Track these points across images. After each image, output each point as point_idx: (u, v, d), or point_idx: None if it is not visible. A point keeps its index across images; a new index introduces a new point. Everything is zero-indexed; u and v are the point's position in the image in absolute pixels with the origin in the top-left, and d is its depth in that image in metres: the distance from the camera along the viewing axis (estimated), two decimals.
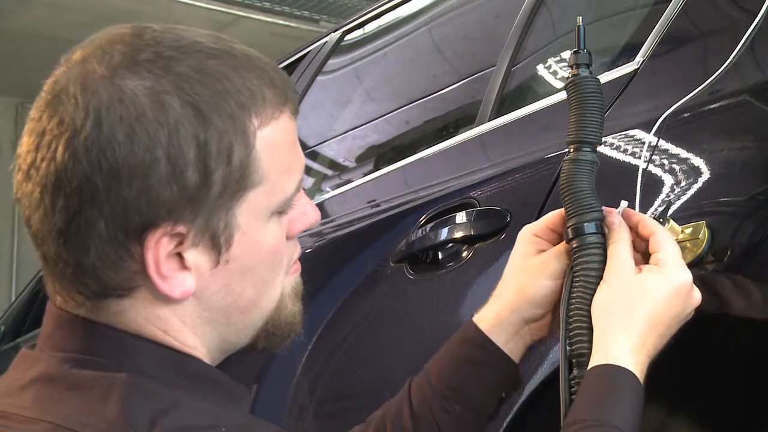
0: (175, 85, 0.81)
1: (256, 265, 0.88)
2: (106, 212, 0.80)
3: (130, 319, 0.85)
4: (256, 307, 0.90)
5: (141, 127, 0.80)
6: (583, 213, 1.02)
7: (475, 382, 1.07)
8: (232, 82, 0.83)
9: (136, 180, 0.80)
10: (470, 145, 1.62)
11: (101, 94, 0.80)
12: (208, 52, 0.84)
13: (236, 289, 0.87)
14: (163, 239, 0.82)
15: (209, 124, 0.81)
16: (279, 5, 6.67)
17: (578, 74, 1.05)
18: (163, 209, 0.81)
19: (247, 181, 0.84)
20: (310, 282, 1.82)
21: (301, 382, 1.67)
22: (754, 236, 1.02)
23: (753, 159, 1.09)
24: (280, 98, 0.86)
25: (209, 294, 0.86)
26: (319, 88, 2.39)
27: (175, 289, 0.84)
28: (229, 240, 0.85)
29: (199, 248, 0.84)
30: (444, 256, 1.48)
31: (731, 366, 1.19)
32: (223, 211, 0.83)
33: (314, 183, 2.31)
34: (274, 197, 0.87)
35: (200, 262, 0.84)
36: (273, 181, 0.86)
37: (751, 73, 1.14)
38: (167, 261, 0.83)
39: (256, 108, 0.84)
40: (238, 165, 0.83)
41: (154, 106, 0.80)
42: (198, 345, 0.88)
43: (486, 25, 2.01)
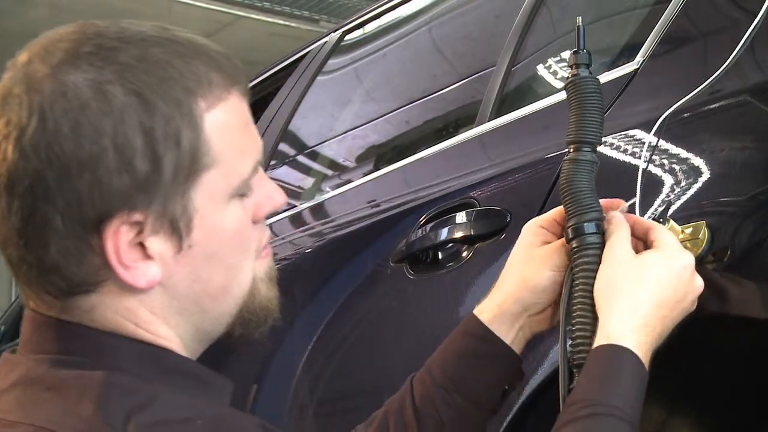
0: (117, 74, 0.81)
1: (221, 249, 0.87)
2: (60, 207, 0.81)
3: (101, 315, 0.85)
4: (228, 293, 0.90)
5: (85, 119, 0.80)
6: (582, 213, 1.02)
7: (477, 374, 1.07)
8: (176, 68, 0.84)
9: (86, 172, 0.80)
10: (470, 145, 1.62)
11: (44, 91, 0.81)
12: (151, 40, 0.85)
13: (204, 275, 0.87)
14: (121, 228, 0.82)
15: (154, 110, 0.82)
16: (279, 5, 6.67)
17: (578, 74, 1.05)
18: (116, 199, 0.81)
19: (198, 164, 0.84)
20: (311, 282, 1.82)
21: (301, 382, 1.67)
22: (754, 236, 1.02)
23: (753, 159, 1.09)
24: (227, 80, 0.87)
25: (176, 282, 0.86)
26: (319, 88, 2.39)
27: (140, 279, 0.84)
28: (189, 225, 0.85)
29: (160, 235, 0.84)
30: (444, 256, 1.48)
31: (731, 366, 1.19)
32: (178, 196, 0.83)
33: (314, 183, 2.31)
34: (231, 179, 0.87)
35: (163, 249, 0.84)
36: (227, 163, 0.86)
37: (751, 73, 1.14)
38: (129, 251, 0.83)
39: (202, 91, 0.84)
40: (188, 149, 0.83)
41: (97, 97, 0.81)
42: (171, 336, 0.88)
43: (486, 25, 2.01)
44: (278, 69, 2.64)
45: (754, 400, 1.20)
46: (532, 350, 1.21)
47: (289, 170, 2.36)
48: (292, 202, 2.24)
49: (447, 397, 1.07)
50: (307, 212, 2.05)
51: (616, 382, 0.91)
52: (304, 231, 2.01)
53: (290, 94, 2.38)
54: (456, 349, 1.09)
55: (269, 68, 2.71)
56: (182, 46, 0.85)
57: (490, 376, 1.07)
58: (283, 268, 1.92)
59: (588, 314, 0.98)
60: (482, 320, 1.07)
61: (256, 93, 2.74)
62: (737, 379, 1.18)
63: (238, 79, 0.88)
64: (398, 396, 1.12)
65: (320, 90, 2.40)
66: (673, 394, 1.25)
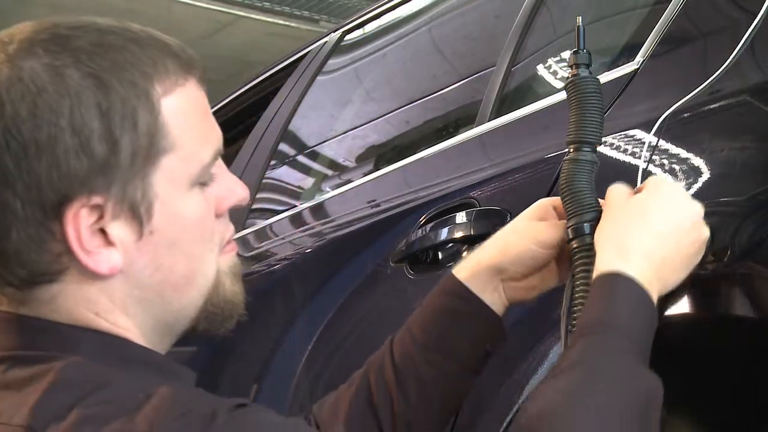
0: (73, 58, 0.83)
1: (183, 237, 0.88)
2: (20, 191, 0.81)
3: (60, 306, 0.86)
4: (191, 284, 0.89)
5: (42, 102, 0.81)
6: (583, 213, 1.02)
7: (456, 332, 1.07)
8: (132, 53, 0.85)
9: (44, 154, 0.81)
10: (470, 145, 1.62)
11: (1, 78, 0.82)
12: (106, 29, 0.86)
13: (165, 263, 0.87)
14: (81, 212, 0.82)
15: (111, 92, 0.82)
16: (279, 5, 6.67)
17: (578, 74, 1.05)
18: (75, 181, 0.81)
19: (157, 147, 0.85)
20: (311, 282, 1.82)
21: (301, 382, 1.67)
22: (754, 236, 1.02)
23: (753, 159, 1.09)
24: (183, 67, 0.88)
25: (137, 269, 0.86)
26: (319, 88, 2.39)
27: (102, 265, 0.84)
28: (149, 210, 0.85)
29: (121, 220, 0.84)
30: (444, 256, 1.48)
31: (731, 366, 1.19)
32: (138, 179, 0.84)
33: (314, 183, 2.31)
34: (191, 165, 0.87)
35: (123, 235, 0.85)
36: (187, 148, 0.86)
37: (751, 73, 1.14)
38: (90, 236, 0.83)
39: (159, 76, 0.85)
40: (145, 131, 0.84)
41: (53, 80, 0.81)
42: (131, 326, 0.88)
43: (486, 25, 2.01)
44: (278, 69, 2.64)
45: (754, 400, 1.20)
46: (532, 350, 1.21)
47: (289, 170, 2.36)
48: (292, 202, 2.24)
49: (427, 356, 1.07)
50: (307, 212, 2.05)
51: (609, 303, 0.89)
52: (304, 231, 2.01)
53: (290, 94, 2.38)
54: (434, 307, 1.10)
55: (269, 68, 2.71)
56: (137, 35, 0.87)
57: (469, 334, 1.07)
58: (283, 268, 1.92)
59: None
60: (459, 278, 1.08)
61: (256, 93, 2.74)
62: (737, 379, 1.18)
63: (194, 67, 0.89)
64: (378, 355, 1.12)
65: (320, 90, 2.40)
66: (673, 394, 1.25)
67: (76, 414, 0.77)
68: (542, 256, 1.07)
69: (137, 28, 0.88)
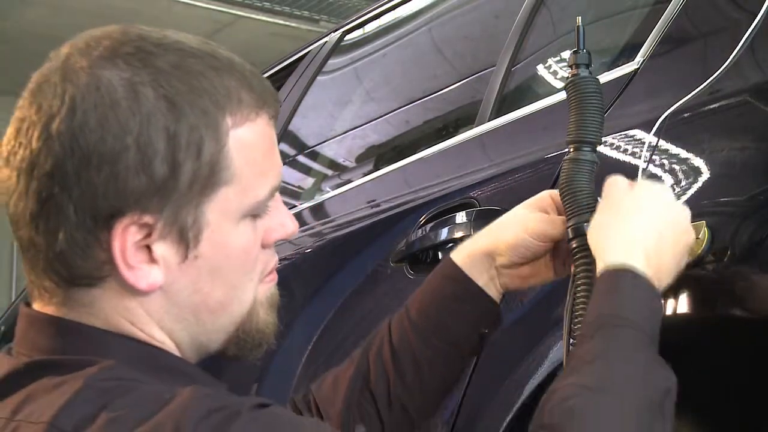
0: (151, 77, 0.83)
1: (226, 266, 0.88)
2: (75, 197, 0.82)
3: (99, 310, 0.86)
4: (226, 309, 0.90)
5: (113, 115, 0.81)
6: (582, 213, 1.02)
7: (452, 315, 1.10)
8: (210, 80, 0.85)
9: (106, 166, 0.81)
10: (470, 145, 1.62)
11: (79, 83, 0.83)
12: (189, 51, 0.86)
13: (205, 288, 0.88)
14: (131, 228, 0.83)
15: (181, 117, 0.83)
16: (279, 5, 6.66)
17: (578, 74, 1.05)
18: (130, 198, 0.82)
19: (216, 177, 0.85)
20: (311, 282, 1.82)
21: (301, 382, 1.67)
22: (754, 236, 1.02)
23: (753, 159, 1.09)
24: (257, 102, 0.88)
25: (177, 289, 0.87)
26: (319, 88, 2.39)
27: (141, 281, 0.85)
28: (198, 236, 0.86)
29: (167, 241, 0.85)
30: (444, 256, 1.48)
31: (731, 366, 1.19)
32: (192, 206, 0.84)
33: (314, 183, 2.31)
34: (246, 199, 0.88)
35: (168, 255, 0.85)
36: (245, 182, 0.87)
37: (751, 73, 1.14)
38: (135, 251, 0.84)
39: (231, 108, 0.86)
40: (208, 160, 0.84)
41: (128, 96, 0.82)
42: (166, 339, 0.89)
43: (486, 25, 2.01)
44: (278, 69, 2.64)
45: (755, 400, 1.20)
46: (532, 350, 1.21)
47: (289, 170, 2.36)
48: (292, 202, 2.24)
49: (424, 338, 1.09)
50: (307, 212, 2.05)
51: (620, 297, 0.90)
52: (304, 231, 2.01)
53: (290, 94, 2.38)
54: (432, 290, 1.12)
55: (269, 68, 2.71)
56: (218, 61, 0.87)
57: (465, 317, 1.10)
58: (283, 268, 1.92)
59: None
60: (456, 262, 1.11)
61: None
62: (737, 379, 1.18)
63: (268, 102, 0.89)
64: (376, 336, 1.14)
65: (320, 90, 2.40)
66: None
67: (104, 417, 0.77)
68: (535, 246, 1.08)
69: (222, 54, 0.88)
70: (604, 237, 0.96)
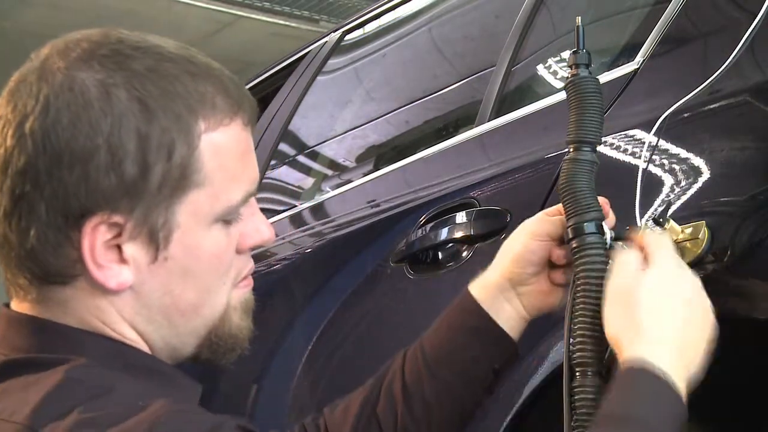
0: (125, 80, 0.84)
1: (197, 268, 0.89)
2: (46, 195, 0.83)
3: (73, 309, 0.87)
4: (198, 312, 0.91)
5: (86, 115, 0.83)
6: (582, 213, 1.02)
7: (464, 350, 1.07)
8: (184, 84, 0.86)
9: (77, 165, 0.82)
10: (470, 145, 1.62)
11: (54, 83, 0.84)
12: (167, 55, 0.87)
13: (176, 290, 0.89)
14: (100, 227, 0.84)
15: (153, 119, 0.84)
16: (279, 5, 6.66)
17: (578, 74, 1.05)
18: (101, 197, 0.83)
19: (187, 180, 0.86)
20: (311, 282, 1.82)
21: (301, 382, 1.67)
22: (754, 236, 1.02)
23: (753, 159, 1.09)
24: (232, 107, 0.89)
25: (147, 290, 0.88)
26: (319, 88, 2.39)
27: (111, 280, 0.86)
28: (168, 237, 0.86)
29: (137, 242, 0.86)
30: (444, 256, 1.48)
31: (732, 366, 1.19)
32: (162, 207, 0.85)
33: (314, 183, 2.31)
34: (218, 203, 0.88)
35: (138, 256, 0.86)
36: (217, 186, 0.88)
37: (751, 73, 1.14)
38: (104, 251, 0.85)
39: (205, 112, 0.87)
40: (179, 163, 0.85)
41: (101, 97, 0.83)
42: (139, 340, 0.89)
43: (486, 25, 2.01)
44: (278, 69, 2.64)
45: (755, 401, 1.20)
46: (532, 350, 1.21)
47: (289, 170, 2.37)
48: (292, 202, 2.24)
49: (435, 372, 1.07)
50: (307, 212, 2.05)
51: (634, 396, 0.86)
52: (304, 231, 2.01)
53: (290, 94, 2.38)
54: (446, 323, 1.10)
55: (269, 68, 2.71)
56: (195, 66, 0.88)
57: (477, 352, 1.07)
58: (283, 268, 1.92)
59: (589, 314, 0.97)
60: (472, 294, 1.09)
61: (257, 93, 2.74)
62: (738, 379, 1.18)
63: (243, 107, 0.90)
64: (390, 367, 1.12)
65: (320, 90, 2.40)
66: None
67: (75, 416, 0.77)
68: (539, 247, 1.07)
69: (200, 60, 0.89)
70: (623, 328, 0.91)
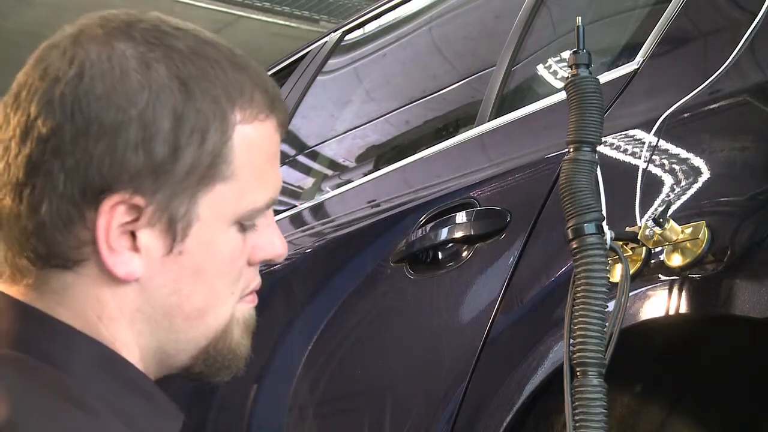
0: (166, 55, 0.81)
1: (210, 269, 0.85)
2: (68, 166, 0.79)
3: (70, 299, 0.83)
4: (202, 319, 0.86)
5: (122, 86, 0.79)
6: (582, 213, 1.02)
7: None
8: (224, 71, 0.83)
9: (105, 137, 0.79)
10: (470, 145, 1.62)
11: (91, 49, 0.80)
12: (208, 40, 0.84)
13: (185, 289, 0.84)
14: (119, 207, 0.80)
15: (191, 100, 0.81)
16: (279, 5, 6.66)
17: (578, 74, 1.05)
18: (125, 174, 0.79)
19: (216, 170, 0.82)
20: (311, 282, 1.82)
21: (301, 382, 1.67)
22: (754, 236, 1.02)
23: (753, 159, 1.09)
24: (269, 105, 0.86)
25: (154, 285, 0.84)
26: (319, 88, 2.38)
27: (121, 267, 0.81)
28: (186, 230, 0.83)
29: (155, 230, 0.82)
30: (444, 256, 1.48)
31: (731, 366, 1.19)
32: (186, 196, 0.82)
33: (314, 183, 2.31)
34: (242, 202, 0.85)
35: (152, 246, 0.82)
36: (243, 184, 0.84)
37: (751, 73, 1.14)
38: (119, 234, 0.81)
39: (242, 103, 0.84)
40: (211, 150, 0.81)
41: (140, 69, 0.80)
42: (131, 343, 0.85)
43: (486, 25, 2.01)
44: (278, 69, 2.64)
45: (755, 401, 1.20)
46: (532, 350, 1.21)
47: (289, 170, 2.36)
48: (292, 202, 2.24)
49: None
50: (307, 212, 2.05)
51: None
52: (304, 231, 2.01)
53: (290, 94, 2.38)
54: None
55: (269, 68, 2.70)
56: (235, 56, 0.85)
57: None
58: (283, 268, 1.92)
59: (589, 314, 0.97)
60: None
61: None
62: (737, 379, 1.18)
63: (278, 110, 0.87)
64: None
65: (320, 90, 2.40)
66: (674, 394, 1.25)
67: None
68: None
69: (239, 53, 0.86)
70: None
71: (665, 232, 1.04)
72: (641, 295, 1.08)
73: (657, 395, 1.21)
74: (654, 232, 1.04)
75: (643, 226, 1.06)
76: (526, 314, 1.29)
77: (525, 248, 1.31)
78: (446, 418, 1.32)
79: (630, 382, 1.22)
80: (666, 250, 1.06)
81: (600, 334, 0.99)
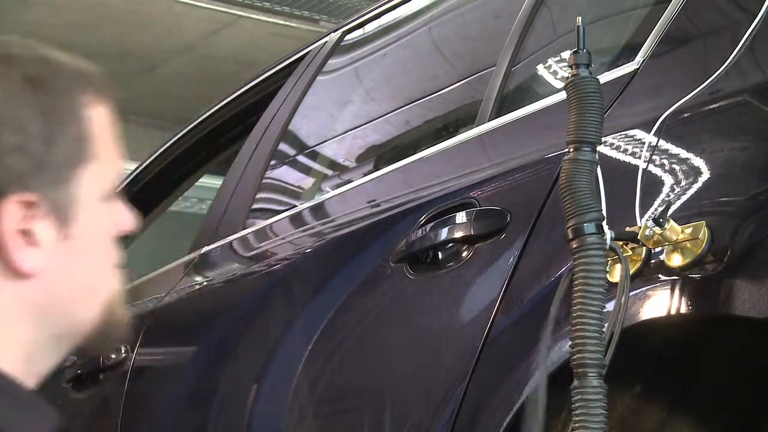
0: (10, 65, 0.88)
1: (94, 247, 0.91)
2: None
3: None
4: (94, 298, 0.92)
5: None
6: (582, 213, 1.02)
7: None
8: (67, 64, 0.91)
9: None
10: (470, 145, 1.62)
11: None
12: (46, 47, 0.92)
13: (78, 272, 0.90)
14: (13, 207, 0.85)
15: (47, 94, 0.87)
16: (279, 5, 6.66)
17: (578, 74, 1.05)
18: (12, 177, 0.85)
19: (84, 152, 0.89)
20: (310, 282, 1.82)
21: (301, 382, 1.67)
22: (754, 236, 1.02)
23: (753, 159, 1.09)
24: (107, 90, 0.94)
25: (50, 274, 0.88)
26: (319, 88, 2.38)
27: (25, 263, 0.86)
28: (73, 214, 0.89)
29: (47, 221, 0.87)
30: (444, 256, 1.48)
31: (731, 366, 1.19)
32: (66, 181, 0.88)
33: (314, 183, 2.30)
34: (107, 178, 0.92)
35: (47, 237, 0.87)
36: (106, 159, 0.92)
37: (751, 73, 1.14)
38: (18, 232, 0.86)
39: (90, 89, 0.91)
40: (76, 135, 0.89)
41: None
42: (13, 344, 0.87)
43: (486, 25, 2.01)
44: (278, 69, 2.64)
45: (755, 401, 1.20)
46: (532, 350, 1.21)
47: (289, 170, 2.36)
48: (292, 202, 2.24)
49: None
50: (307, 212, 2.05)
51: None
52: (304, 231, 2.01)
53: (290, 94, 2.38)
54: None
55: (269, 68, 2.70)
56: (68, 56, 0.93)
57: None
58: (283, 268, 1.92)
59: (588, 314, 0.97)
60: None
61: (256, 93, 2.74)
62: (737, 379, 1.18)
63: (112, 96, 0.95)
64: None
65: (320, 90, 2.40)
66: (674, 394, 1.25)
67: None
68: None
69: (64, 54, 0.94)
70: None
71: (665, 232, 1.04)
72: (641, 295, 1.08)
73: (657, 395, 1.21)
74: (654, 232, 1.04)
75: (643, 226, 1.06)
76: (526, 314, 1.29)
77: (525, 248, 1.31)
78: (446, 418, 1.32)
79: (630, 382, 1.22)
80: (666, 250, 1.06)
81: (598, 334, 0.99)
